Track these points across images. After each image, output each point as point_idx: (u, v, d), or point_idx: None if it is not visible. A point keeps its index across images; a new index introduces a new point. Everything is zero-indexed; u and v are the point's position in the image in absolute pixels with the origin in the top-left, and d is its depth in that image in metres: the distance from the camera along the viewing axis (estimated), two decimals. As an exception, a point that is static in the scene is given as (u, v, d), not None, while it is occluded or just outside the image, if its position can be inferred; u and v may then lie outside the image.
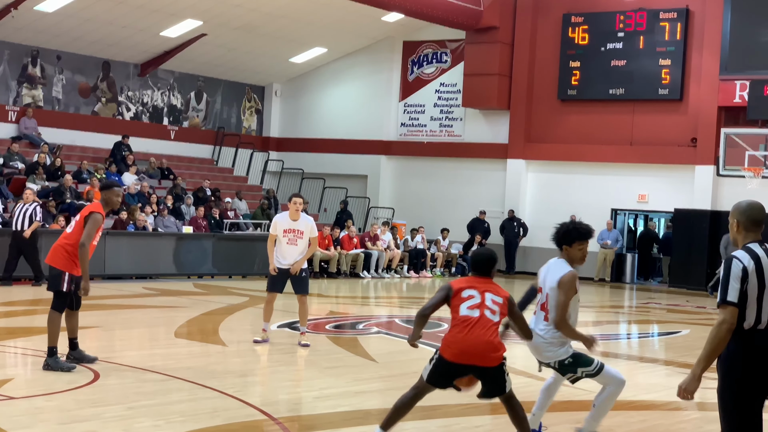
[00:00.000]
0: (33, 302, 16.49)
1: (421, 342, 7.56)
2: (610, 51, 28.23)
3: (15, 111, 26.69)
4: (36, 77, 27.43)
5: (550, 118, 29.28)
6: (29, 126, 26.54)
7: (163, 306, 16.77)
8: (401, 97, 31.87)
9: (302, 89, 33.38)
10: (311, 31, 29.69)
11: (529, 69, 29.50)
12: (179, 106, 31.28)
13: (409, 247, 28.32)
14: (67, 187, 23.51)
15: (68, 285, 10.08)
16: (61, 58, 27.80)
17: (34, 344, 11.57)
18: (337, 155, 32.21)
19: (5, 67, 26.69)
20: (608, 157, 28.27)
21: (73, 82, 28.28)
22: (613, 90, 28.16)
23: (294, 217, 12.50)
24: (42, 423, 7.61)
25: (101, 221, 10.15)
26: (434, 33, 30.64)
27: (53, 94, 27.86)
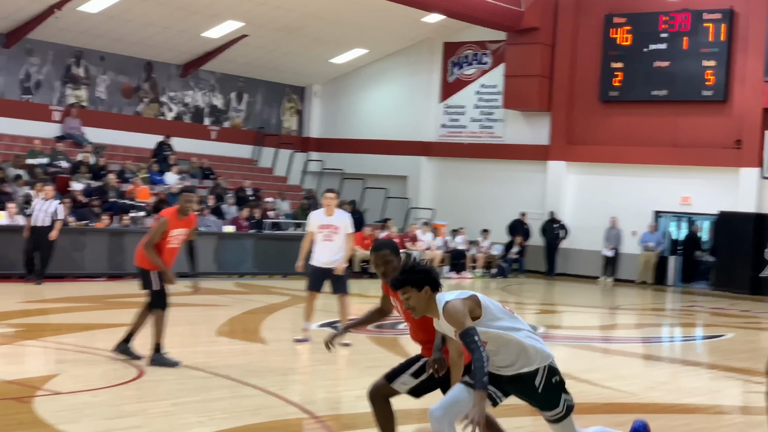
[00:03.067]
0: (69, 299, 16.63)
1: None
2: (653, 52, 28.01)
3: (59, 111, 26.97)
4: (80, 77, 27.69)
5: (592, 120, 29.12)
6: (73, 126, 26.80)
7: (205, 304, 16.87)
8: (441, 98, 31.82)
9: (342, 90, 33.43)
10: (351, 32, 29.74)
11: (570, 70, 29.35)
12: (220, 107, 31.45)
13: (450, 248, 28.29)
14: (110, 187, 23.73)
15: (159, 282, 10.32)
16: (104, 59, 28.05)
17: (77, 340, 11.70)
18: (377, 156, 32.22)
19: (49, 68, 26.97)
20: (651, 159, 28.06)
21: (116, 83, 28.53)
22: (655, 91, 27.94)
23: (329, 213, 12.55)
24: (87, 418, 7.69)
25: (166, 225, 10.33)
26: (475, 34, 30.56)
27: (97, 95, 28.12)
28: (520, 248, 29.38)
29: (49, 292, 17.55)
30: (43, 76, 26.83)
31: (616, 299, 24.50)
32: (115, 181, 24.06)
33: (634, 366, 13.28)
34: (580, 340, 15.25)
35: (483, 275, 28.32)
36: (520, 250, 29.39)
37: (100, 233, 21.52)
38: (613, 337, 17.10)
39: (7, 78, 26.01)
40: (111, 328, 13.20)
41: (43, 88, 26.83)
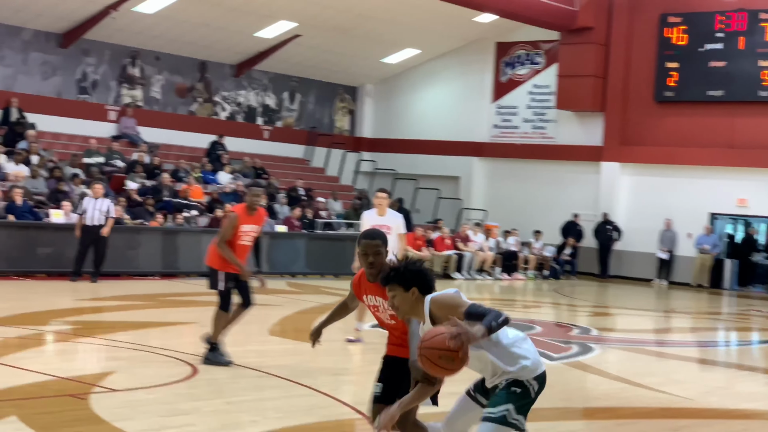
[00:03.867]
0: (123, 297, 16.78)
1: None
2: (709, 52, 27.68)
3: (115, 110, 27.25)
4: (135, 77, 27.96)
5: (646, 121, 28.83)
6: (129, 125, 27.07)
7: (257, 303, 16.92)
8: (493, 98, 31.70)
9: (394, 90, 33.43)
10: (404, 32, 29.73)
11: (624, 70, 29.09)
12: (273, 107, 31.59)
13: (502, 249, 28.17)
14: (164, 186, 23.93)
15: (225, 283, 10.33)
16: (159, 59, 28.30)
17: (132, 338, 11.79)
18: (430, 156, 32.19)
19: (106, 68, 27.26)
20: (706, 160, 27.72)
21: (171, 83, 28.77)
22: (711, 92, 27.61)
23: (381, 213, 12.52)
24: (142, 415, 7.75)
25: (237, 220, 10.34)
26: (527, 34, 30.40)
27: (152, 94, 28.38)
28: (573, 250, 29.19)
29: (103, 290, 17.73)
30: (99, 76, 27.13)
31: (671, 302, 24.24)
32: (168, 181, 24.26)
33: (690, 370, 13.11)
34: (634, 343, 15.10)
35: (535, 277, 28.16)
36: (572, 251, 29.20)
37: (154, 232, 21.71)
38: (668, 340, 16.91)
39: (64, 78, 26.33)
40: (165, 327, 13.32)
41: (100, 88, 27.13)
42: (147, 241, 21.42)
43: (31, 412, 7.54)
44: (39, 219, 20.33)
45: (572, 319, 18.69)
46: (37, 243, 19.82)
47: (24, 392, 8.35)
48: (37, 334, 12.11)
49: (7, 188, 20.81)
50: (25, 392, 8.35)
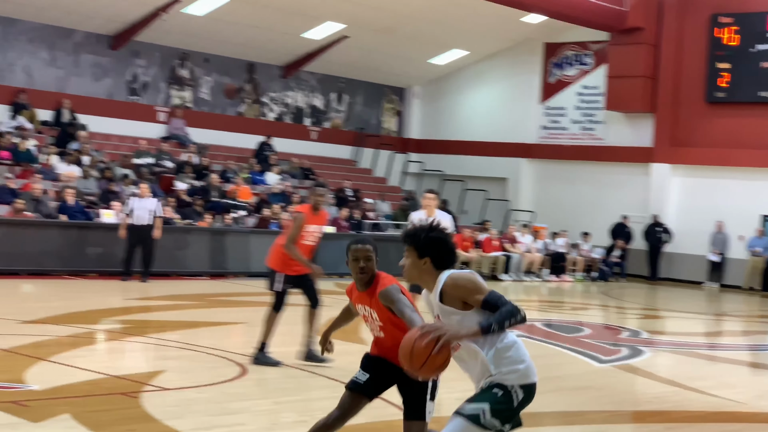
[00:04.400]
0: (172, 297, 16.90)
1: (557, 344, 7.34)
2: (761, 52, 27.33)
3: (165, 112, 27.48)
4: (184, 79, 28.17)
5: (697, 122, 28.53)
6: (178, 126, 27.28)
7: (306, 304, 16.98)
8: (542, 99, 31.54)
9: (442, 91, 33.38)
10: (451, 33, 29.67)
11: (675, 71, 28.80)
12: (321, 108, 31.68)
13: (550, 250, 28.02)
14: (213, 186, 24.08)
15: (282, 285, 10.38)
16: (208, 61, 28.49)
17: (182, 338, 11.88)
18: (477, 157, 32.10)
19: (155, 70, 27.50)
20: (758, 161, 27.36)
21: (220, 84, 28.95)
22: (763, 92, 27.26)
23: (429, 214, 12.51)
24: (192, 414, 7.79)
25: (303, 220, 10.37)
26: (576, 34, 30.20)
27: (200, 96, 28.58)
28: (622, 252, 28.96)
29: (153, 289, 17.88)
30: (149, 77, 27.37)
31: (722, 305, 23.96)
32: (217, 181, 24.41)
33: (742, 374, 12.95)
34: (684, 346, 14.94)
35: (583, 279, 27.98)
36: (621, 253, 28.97)
37: (203, 232, 21.86)
38: (719, 344, 16.72)
39: (114, 80, 26.60)
40: (214, 326, 13.40)
41: (150, 90, 27.37)
42: (195, 242, 21.57)
43: (84, 410, 7.61)
44: (90, 219, 20.56)
45: (621, 321, 18.55)
46: (88, 243, 20.05)
47: (77, 390, 8.44)
48: (89, 332, 12.24)
49: (59, 188, 21.07)
50: (77, 390, 8.44)
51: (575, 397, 9.78)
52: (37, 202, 20.07)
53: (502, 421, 4.94)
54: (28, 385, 8.44)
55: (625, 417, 9.28)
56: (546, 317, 18.17)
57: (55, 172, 22.26)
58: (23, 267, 19.01)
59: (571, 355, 12.68)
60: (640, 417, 9.38)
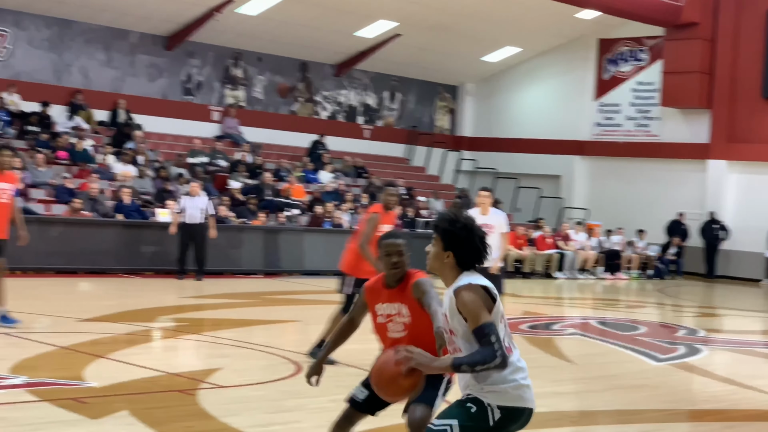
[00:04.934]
0: (226, 295, 17.00)
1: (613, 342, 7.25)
2: (820, 46, 26.93)
3: (218, 111, 27.68)
4: (238, 78, 28.35)
5: (754, 117, 28.13)
6: (231, 125, 27.46)
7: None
8: (596, 96, 31.30)
9: (495, 88, 33.25)
10: (504, 30, 29.55)
11: (731, 66, 28.42)
12: (373, 106, 31.72)
13: (604, 248, 27.82)
14: (266, 185, 24.21)
15: (351, 288, 10.32)
16: (261, 60, 28.64)
17: (237, 336, 11.95)
18: (530, 155, 31.93)
19: (209, 69, 27.70)
20: (817, 157, 26.98)
21: (273, 83, 29.09)
22: (822, 87, 26.87)
23: (484, 212, 12.47)
24: (249, 411, 7.84)
25: (377, 220, 10.35)
26: (631, 30, 29.93)
27: (254, 95, 28.74)
28: (678, 249, 28.66)
29: (207, 288, 18.02)
30: (203, 77, 27.58)
31: (780, 303, 23.63)
32: (270, 180, 24.53)
33: (802, 373, 12.75)
34: (742, 345, 14.75)
35: (638, 276, 27.74)
36: (677, 251, 28.66)
37: (257, 231, 21.98)
38: (778, 342, 16.48)
39: (169, 80, 26.84)
40: (268, 324, 13.48)
41: (203, 89, 27.58)
42: (249, 240, 21.70)
43: (142, 407, 7.69)
44: (146, 218, 20.76)
45: (678, 319, 18.36)
46: (144, 242, 20.27)
47: (134, 387, 8.53)
48: (145, 330, 12.37)
49: (115, 188, 21.31)
50: (135, 387, 8.53)
51: (631, 396, 9.70)
52: (94, 202, 20.32)
53: None
54: (87, 382, 8.54)
55: (681, 416, 9.18)
56: (600, 315, 18.03)
57: (111, 171, 22.52)
58: (81, 266, 19.25)
59: (627, 353, 12.57)
60: (697, 416, 9.28)
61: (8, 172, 11.71)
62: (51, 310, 13.26)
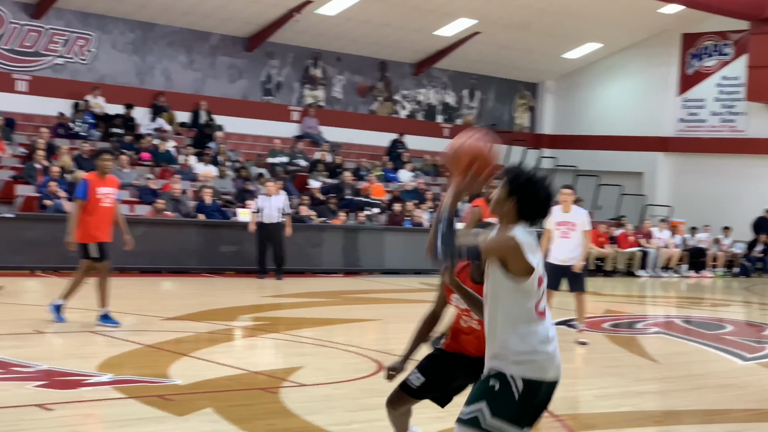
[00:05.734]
0: (307, 294, 17.08)
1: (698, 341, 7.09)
2: None
3: (298, 111, 27.86)
4: (317, 78, 28.50)
5: (843, 111, 27.48)
6: (311, 125, 27.62)
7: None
8: (679, 91, 30.83)
9: (576, 85, 32.94)
10: (585, 26, 29.25)
11: (819, 59, 27.79)
12: (452, 104, 31.64)
13: (689, 246, 27.37)
14: (346, 184, 24.29)
15: None
16: (340, 60, 28.75)
17: (317, 334, 11.99)
18: (612, 152, 31.58)
19: (289, 70, 27.90)
20: None
21: (352, 82, 29.19)
22: None
23: (566, 209, 12.36)
24: (331, 410, 7.85)
25: (481, 215, 10.29)
26: (715, 24, 29.41)
27: (333, 94, 28.87)
28: (765, 246, 28.08)
29: (287, 287, 18.13)
30: (282, 77, 27.78)
31: None
32: (350, 179, 24.61)
33: None
34: (833, 344, 14.37)
35: (724, 274, 27.24)
36: (764, 248, 28.09)
37: (337, 230, 22.06)
38: None
39: (249, 80, 27.09)
40: (348, 323, 13.50)
41: (283, 90, 27.78)
42: (329, 239, 21.79)
43: (225, 405, 7.76)
44: (227, 218, 20.98)
45: (765, 318, 17.97)
46: (225, 241, 20.48)
47: (217, 385, 8.60)
48: (227, 329, 12.48)
49: (197, 188, 21.57)
50: (218, 385, 8.60)
51: (717, 396, 9.51)
52: (176, 202, 20.59)
53: (508, 421, 4.39)
54: (172, 380, 8.64)
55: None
56: (685, 314, 17.74)
57: (193, 172, 22.80)
58: (164, 265, 19.52)
59: (713, 352, 12.33)
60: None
61: (110, 176, 11.98)
62: (135, 309, 13.46)
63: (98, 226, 11.72)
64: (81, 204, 11.69)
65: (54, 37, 24.07)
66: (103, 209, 11.76)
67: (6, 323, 11.93)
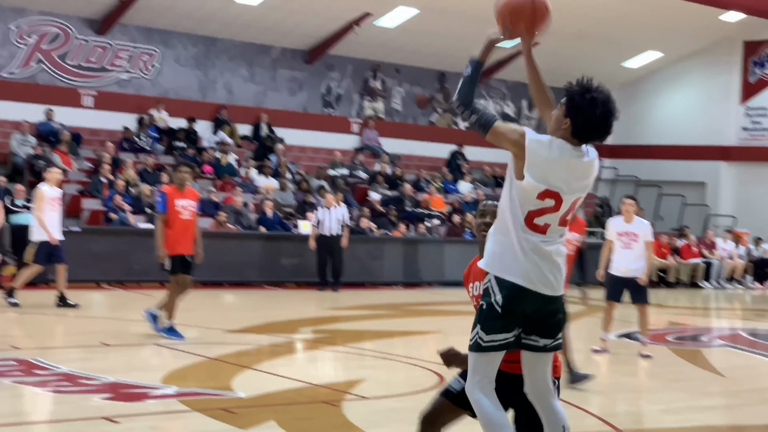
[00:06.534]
0: (367, 307, 17.12)
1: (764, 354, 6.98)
2: None
3: (358, 123, 27.96)
4: (377, 90, 28.60)
5: None
6: (371, 137, 27.71)
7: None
8: (742, 99, 30.44)
9: (636, 94, 32.66)
10: (645, 34, 29.00)
11: None
12: (512, 115, 31.53)
13: (753, 256, 26.97)
14: (406, 196, 24.32)
15: None
16: (399, 71, 28.83)
17: (378, 347, 12.02)
18: (673, 162, 31.26)
19: (348, 82, 28.03)
20: None
21: (411, 94, 29.24)
22: None
23: (628, 220, 12.26)
24: (393, 423, 7.86)
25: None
26: (779, 31, 29.06)
27: (392, 106, 28.94)
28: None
29: (348, 299, 18.19)
30: (342, 90, 27.93)
31: None
32: (410, 191, 24.64)
33: None
34: None
35: (790, 285, 26.82)
36: (831, 259, 27.63)
37: (397, 242, 22.10)
38: None
39: (309, 93, 27.27)
40: (409, 336, 13.51)
41: (343, 102, 27.92)
42: (389, 251, 21.83)
43: (288, 418, 7.80)
44: (288, 230, 21.11)
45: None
46: (286, 253, 20.61)
47: (280, 398, 8.65)
48: (288, 342, 12.56)
49: (258, 201, 21.74)
50: (280, 398, 8.66)
51: None
52: (238, 215, 20.77)
53: (500, 330, 4.55)
54: (235, 393, 8.71)
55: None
56: (751, 326, 17.48)
57: (254, 184, 22.99)
58: (226, 278, 19.69)
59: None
60: None
61: (189, 189, 12.09)
62: (198, 322, 13.60)
63: (177, 239, 11.80)
64: (162, 217, 11.83)
65: (119, 53, 24.45)
66: (182, 222, 11.84)
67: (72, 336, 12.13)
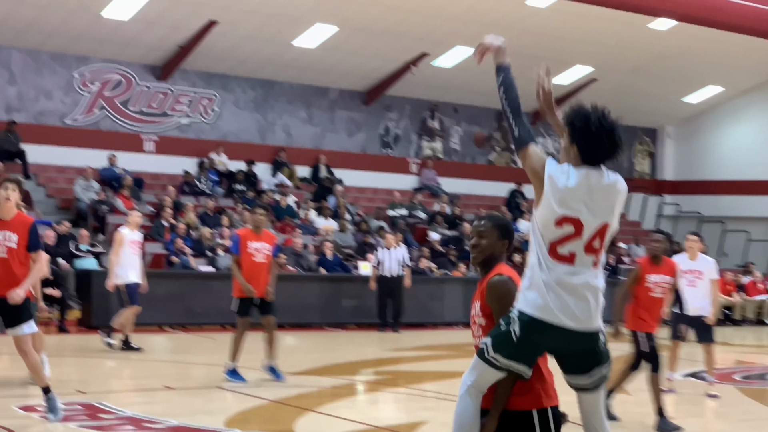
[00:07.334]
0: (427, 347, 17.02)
1: None
2: None
3: (416, 163, 28.01)
4: (435, 130, 28.65)
5: None
6: (429, 177, 27.73)
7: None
8: (806, 132, 30.01)
9: (697, 130, 32.35)
10: (705, 69, 28.76)
11: None
12: (571, 152, 31.36)
13: (823, 293, 26.45)
14: (466, 235, 24.26)
15: (647, 342, 9.74)
16: (457, 111, 28.87)
17: (440, 388, 11.93)
18: (736, 197, 30.85)
19: (406, 122, 28.13)
20: None
21: (469, 133, 29.24)
22: None
23: (692, 257, 12.07)
24: (455, 467, 7.77)
25: (638, 271, 9.91)
26: (842, 63, 28.62)
27: (451, 146, 28.96)
28: None
29: (408, 340, 18.12)
30: (400, 130, 28.02)
31: None
32: (469, 230, 24.56)
33: None
34: None
35: None
36: None
37: (456, 282, 22.01)
38: None
39: (367, 134, 27.40)
40: (471, 376, 13.37)
41: (401, 142, 28.01)
42: (449, 291, 21.75)
43: (349, 461, 7.76)
44: (348, 271, 21.14)
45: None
46: (346, 295, 20.62)
47: (341, 441, 8.62)
48: (349, 383, 12.52)
49: (318, 242, 21.81)
50: (342, 441, 8.62)
51: None
52: (298, 257, 20.85)
53: (505, 356, 4.69)
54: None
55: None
56: (821, 364, 17.08)
57: (314, 226, 23.08)
58: (286, 320, 19.70)
59: None
60: None
61: (266, 232, 12.17)
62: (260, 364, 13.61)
63: (248, 281, 11.84)
64: (234, 259, 11.94)
65: (179, 98, 24.80)
66: (254, 264, 11.88)
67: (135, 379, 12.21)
